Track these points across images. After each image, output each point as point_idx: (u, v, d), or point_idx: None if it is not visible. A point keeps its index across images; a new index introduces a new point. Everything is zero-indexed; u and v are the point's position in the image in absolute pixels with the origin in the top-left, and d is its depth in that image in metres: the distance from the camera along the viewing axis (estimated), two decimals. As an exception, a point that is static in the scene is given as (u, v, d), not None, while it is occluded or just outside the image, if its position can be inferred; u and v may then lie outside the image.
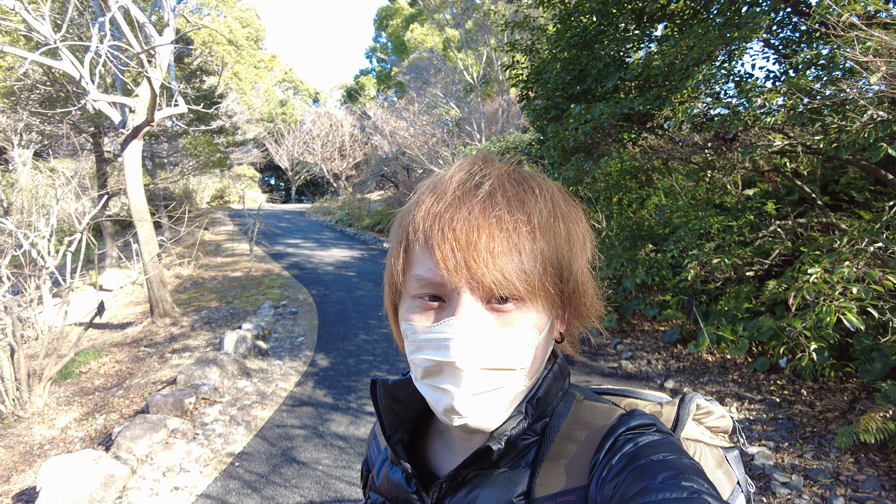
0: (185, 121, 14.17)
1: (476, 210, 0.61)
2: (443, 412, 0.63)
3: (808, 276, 3.13)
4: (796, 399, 4.77)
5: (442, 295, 0.63)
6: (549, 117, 5.95)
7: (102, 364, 7.45)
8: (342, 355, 6.78)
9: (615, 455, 0.60)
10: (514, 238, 0.60)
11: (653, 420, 0.65)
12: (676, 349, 6.21)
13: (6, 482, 4.81)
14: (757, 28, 3.71)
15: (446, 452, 0.76)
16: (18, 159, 11.77)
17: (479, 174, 0.65)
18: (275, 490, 3.95)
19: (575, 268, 0.66)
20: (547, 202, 0.64)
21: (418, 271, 0.64)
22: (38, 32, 6.86)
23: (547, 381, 0.69)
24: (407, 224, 0.66)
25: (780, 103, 3.25)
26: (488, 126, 17.52)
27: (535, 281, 0.61)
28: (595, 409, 0.70)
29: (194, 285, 11.58)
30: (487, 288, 0.60)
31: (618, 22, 5.78)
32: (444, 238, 0.60)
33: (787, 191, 5.88)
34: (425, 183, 0.69)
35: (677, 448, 0.60)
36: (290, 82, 43.05)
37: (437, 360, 0.62)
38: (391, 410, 0.76)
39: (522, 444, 0.67)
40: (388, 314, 0.74)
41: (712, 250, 4.10)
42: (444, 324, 0.61)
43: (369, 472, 0.87)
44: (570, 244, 0.66)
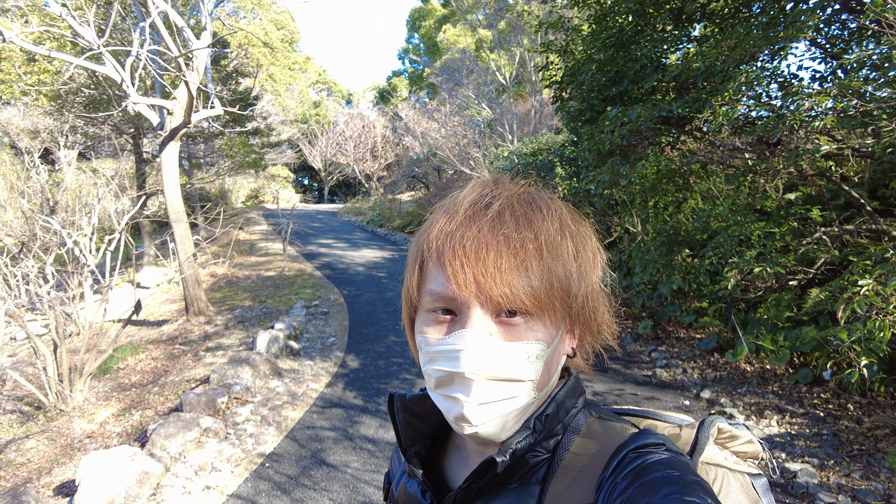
0: (222, 122, 14.46)
1: (485, 228, 0.64)
2: (454, 420, 0.65)
3: (859, 287, 2.97)
4: (842, 414, 4.57)
5: (454, 309, 0.66)
6: (584, 119, 5.84)
7: (139, 360, 7.63)
8: (372, 357, 6.79)
9: (622, 472, 0.61)
10: (521, 255, 0.63)
11: (663, 439, 0.65)
12: (713, 358, 6.02)
13: (48, 474, 4.96)
14: (804, 27, 3.55)
15: (461, 466, 0.78)
16: (64, 160, 12.21)
17: (489, 195, 0.68)
18: (304, 492, 3.96)
19: (583, 284, 0.68)
20: (554, 221, 0.67)
21: (431, 286, 0.67)
22: (83, 38, 7.07)
23: (558, 398, 0.71)
24: (422, 242, 0.70)
25: (829, 106, 3.10)
26: (520, 127, 17.39)
27: (542, 296, 0.64)
28: (607, 427, 0.71)
29: (229, 284, 11.79)
30: (495, 302, 0.63)
31: (655, 22, 5.63)
32: (454, 255, 0.64)
33: (831, 195, 5.64)
34: (440, 203, 0.73)
35: (684, 466, 0.60)
36: (323, 84, 43.55)
37: (448, 371, 0.64)
38: (408, 424, 0.79)
39: (533, 460, 0.68)
40: (405, 328, 0.77)
41: (753, 258, 3.94)
42: (455, 336, 0.64)
43: (390, 483, 0.90)
44: (578, 261, 0.68)
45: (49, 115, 13.02)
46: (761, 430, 4.48)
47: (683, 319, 6.60)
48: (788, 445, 4.20)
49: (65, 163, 11.97)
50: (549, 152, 10.93)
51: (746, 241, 4.64)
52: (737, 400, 5.08)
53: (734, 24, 4.89)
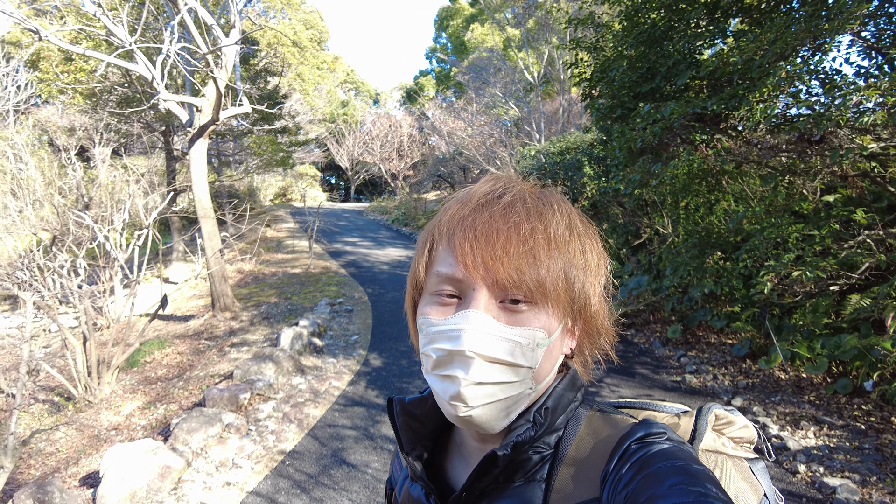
0: (250, 120, 14.61)
1: (497, 215, 0.66)
2: (449, 400, 0.65)
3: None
4: (885, 427, 4.34)
5: (459, 292, 0.67)
6: (614, 117, 5.69)
7: (165, 355, 7.73)
8: (395, 356, 6.75)
9: (625, 465, 0.61)
10: (531, 243, 0.64)
11: (664, 429, 0.65)
12: (745, 364, 5.81)
13: (75, 464, 5.03)
14: (851, 19, 3.37)
15: (463, 466, 0.78)
16: (98, 157, 12.48)
17: (502, 188, 0.70)
18: (323, 492, 3.92)
19: (587, 285, 0.69)
20: (564, 217, 0.69)
21: (439, 268, 0.68)
22: (116, 36, 7.19)
23: (557, 391, 0.71)
24: (433, 227, 0.72)
25: (879, 101, 2.93)
26: (548, 126, 17.18)
27: (548, 285, 0.65)
28: (607, 420, 0.71)
29: (255, 280, 11.90)
30: (502, 285, 0.64)
31: (689, 17, 5.46)
32: (465, 237, 0.65)
33: (874, 197, 5.39)
34: (453, 195, 0.74)
35: (688, 455, 0.60)
36: (351, 83, 43.84)
37: (448, 349, 0.64)
38: (409, 427, 0.79)
39: (536, 457, 0.68)
40: (407, 311, 0.77)
41: (791, 261, 3.76)
42: (459, 315, 0.65)
43: (392, 489, 0.90)
44: (584, 260, 0.69)
45: (84, 113, 13.34)
46: (798, 441, 4.28)
47: (714, 324, 6.40)
48: (827, 459, 4.00)
49: (99, 160, 12.24)
50: (577, 151, 10.75)
51: (783, 243, 4.45)
52: (770, 409, 4.89)
53: (773, 18, 4.70)
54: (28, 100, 17.86)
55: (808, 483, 3.80)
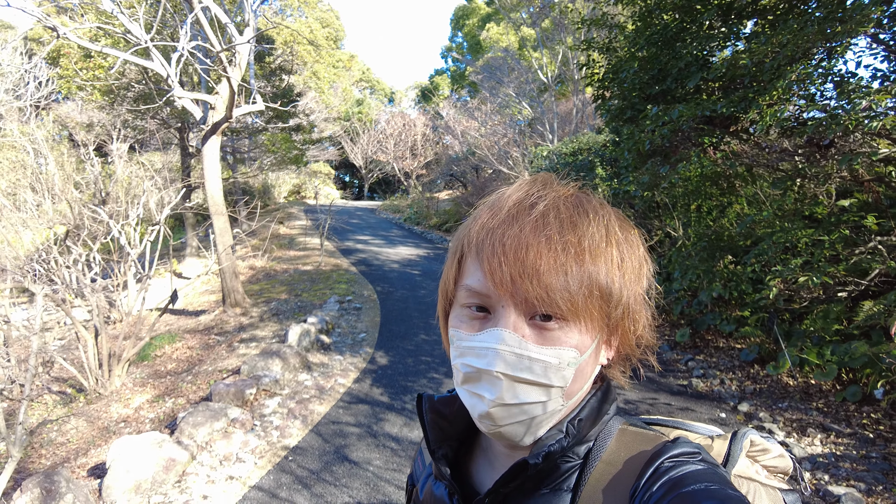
0: (265, 118, 14.73)
1: (527, 228, 0.63)
2: (478, 418, 0.65)
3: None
4: (895, 437, 4.27)
5: (488, 306, 0.65)
6: (624, 118, 5.66)
7: (176, 349, 7.82)
8: (401, 354, 6.77)
9: (656, 482, 0.59)
10: (562, 258, 0.62)
11: (698, 449, 0.64)
12: (753, 369, 5.74)
13: (84, 455, 5.11)
14: (865, 21, 3.31)
15: (489, 469, 0.77)
16: (116, 153, 12.66)
17: (535, 195, 0.67)
18: (324, 488, 3.95)
19: (625, 294, 0.66)
20: (601, 227, 0.65)
21: (468, 281, 0.66)
22: (132, 34, 7.29)
23: (591, 403, 0.70)
24: (463, 237, 0.70)
25: (889, 105, 2.88)
26: (561, 126, 17.10)
27: (580, 302, 0.62)
28: (640, 435, 0.70)
29: (266, 277, 12.00)
30: (531, 303, 0.62)
31: (702, 19, 5.40)
32: (493, 252, 0.63)
33: (890, 202, 5.29)
34: (485, 200, 0.72)
35: (723, 479, 0.59)
36: (367, 82, 43.98)
37: (477, 368, 0.64)
38: (436, 426, 0.78)
39: (565, 466, 0.67)
40: (439, 320, 0.76)
41: (798, 267, 3.71)
42: (487, 333, 0.63)
43: (414, 486, 0.89)
44: (621, 270, 0.66)
45: (102, 110, 13.53)
46: (803, 448, 4.23)
47: (723, 328, 6.32)
48: (833, 467, 3.95)
49: (116, 156, 12.42)
50: (589, 152, 10.69)
51: (793, 248, 4.39)
52: (777, 415, 4.83)
53: (787, 20, 4.64)
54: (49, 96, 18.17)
55: (813, 491, 3.75)
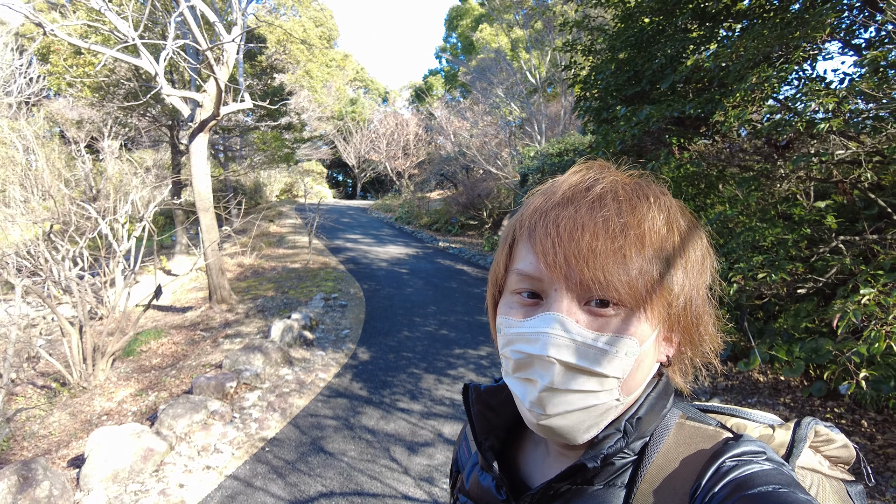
0: (256, 116, 14.79)
1: (583, 209, 0.61)
2: (528, 406, 0.62)
3: (861, 296, 2.88)
4: (855, 430, 4.40)
5: (539, 291, 0.63)
6: (600, 119, 5.78)
7: (161, 344, 7.89)
8: (383, 350, 6.86)
9: (719, 482, 0.56)
10: (620, 240, 0.59)
11: (763, 447, 0.61)
12: (726, 366, 5.87)
13: (66, 447, 5.18)
14: (821, 27, 3.43)
15: (539, 464, 0.75)
16: (107, 149, 12.69)
17: (592, 178, 0.65)
18: (299, 477, 4.04)
19: (688, 286, 0.63)
20: (662, 212, 0.62)
21: (519, 265, 0.64)
22: (119, 31, 7.35)
23: (650, 399, 0.65)
24: (515, 223, 0.67)
25: (832, 108, 3.00)
26: (550, 128, 17.24)
27: (639, 288, 0.59)
28: (699, 430, 0.66)
29: (254, 274, 12.06)
30: (586, 286, 0.59)
31: (678, 22, 5.53)
32: (546, 233, 0.61)
33: (864, 204, 5.43)
34: (539, 188, 0.69)
35: (791, 481, 0.55)
36: (361, 81, 44.02)
37: (528, 353, 0.61)
38: (483, 417, 0.76)
39: (619, 462, 0.64)
40: (488, 309, 0.74)
41: (759, 264, 3.83)
42: (539, 318, 0.61)
43: (459, 472, 0.86)
44: (684, 258, 0.62)
45: (92, 107, 13.56)
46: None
47: (699, 326, 6.45)
48: (792, 458, 4.07)
49: (108, 152, 12.45)
50: (574, 153, 10.82)
51: (759, 247, 4.51)
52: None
53: (755, 26, 4.77)
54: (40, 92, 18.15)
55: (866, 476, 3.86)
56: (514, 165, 15.62)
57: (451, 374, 6.06)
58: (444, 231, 18.58)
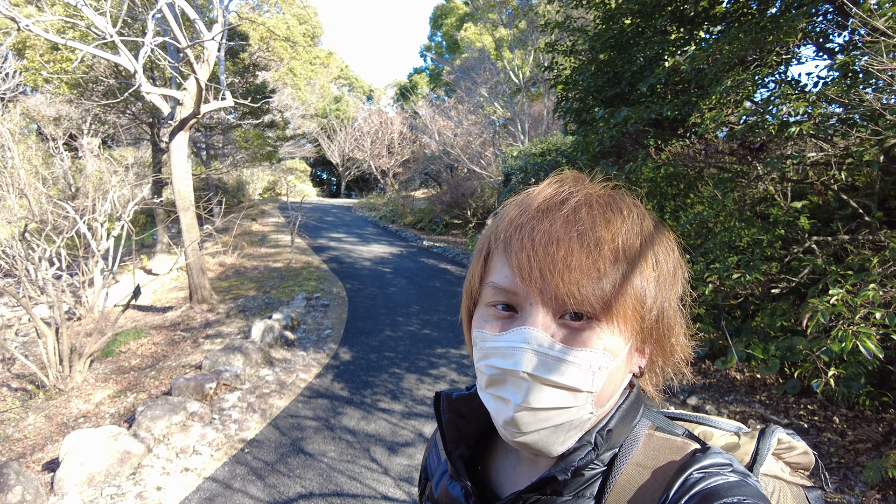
0: (238, 114, 14.66)
1: (558, 223, 0.61)
2: (503, 424, 0.62)
3: (829, 296, 2.94)
4: (826, 426, 4.50)
5: (514, 305, 0.63)
6: (580, 120, 5.82)
7: (141, 345, 7.80)
8: (365, 350, 6.85)
9: (686, 494, 0.57)
10: (595, 255, 0.59)
11: (729, 459, 0.62)
12: (704, 364, 5.96)
13: (41, 450, 5.10)
14: (793, 31, 3.50)
15: (510, 473, 0.74)
16: (86, 147, 12.49)
17: (567, 191, 0.65)
18: (278, 479, 4.03)
19: (660, 298, 0.63)
20: (635, 225, 0.63)
21: (494, 279, 0.64)
22: (97, 27, 7.24)
23: (621, 411, 0.66)
24: (490, 234, 0.67)
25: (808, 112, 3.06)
26: (533, 127, 17.32)
27: (613, 301, 0.59)
28: (667, 441, 0.67)
29: (236, 274, 11.96)
30: (560, 301, 0.59)
31: (657, 24, 5.59)
32: (521, 247, 0.61)
33: (838, 205, 5.54)
34: (514, 198, 0.69)
35: (756, 493, 0.56)
36: (345, 79, 43.79)
37: (502, 369, 0.61)
38: (453, 425, 0.76)
39: (588, 473, 0.64)
40: (462, 321, 0.74)
41: (734, 264, 3.90)
42: (513, 333, 0.61)
43: (427, 480, 0.86)
44: (657, 272, 0.63)
45: (70, 103, 13.34)
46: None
47: (678, 325, 6.52)
48: (766, 455, 4.14)
49: (87, 150, 12.26)
50: (556, 153, 10.89)
51: (736, 247, 4.59)
52: (722, 408, 5.03)
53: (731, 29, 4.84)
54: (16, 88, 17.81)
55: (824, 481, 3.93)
56: (497, 165, 15.67)
57: (433, 373, 6.07)
58: (429, 230, 18.59)
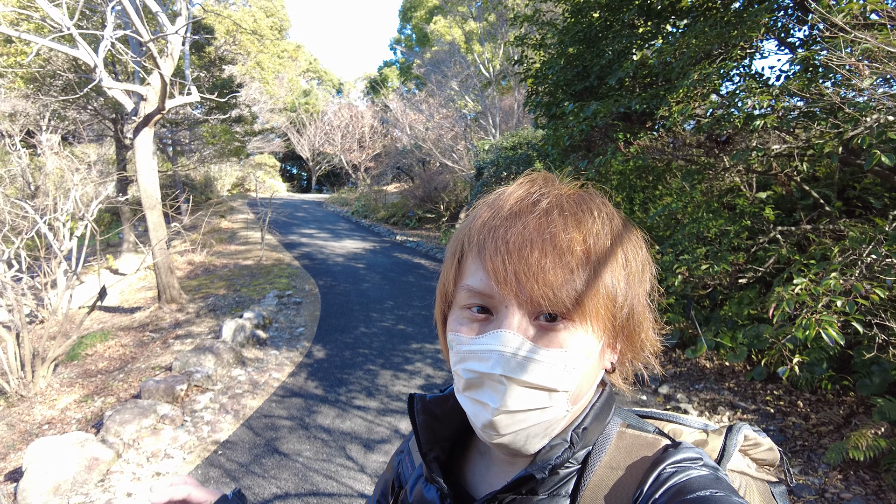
0: (205, 109, 14.35)
1: (531, 225, 0.61)
2: (481, 427, 0.63)
3: (794, 286, 3.02)
4: (791, 411, 4.64)
5: (490, 307, 0.63)
6: (550, 114, 5.85)
7: (108, 347, 7.60)
8: (339, 347, 6.80)
9: (660, 488, 0.59)
10: (568, 256, 0.60)
11: (700, 454, 0.63)
12: (675, 354, 6.08)
13: (3, 460, 4.93)
14: (756, 26, 3.57)
15: (485, 474, 0.75)
16: (45, 144, 12.06)
17: (537, 192, 0.65)
18: (253, 480, 3.98)
19: (630, 295, 0.65)
20: (605, 225, 0.64)
21: (469, 281, 0.64)
22: (52, 19, 6.98)
23: (595, 409, 0.68)
24: (463, 236, 0.67)
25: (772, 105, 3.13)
26: (504, 121, 17.37)
27: (586, 301, 0.60)
28: (639, 438, 0.69)
29: (205, 272, 11.74)
30: (536, 303, 0.60)
31: (624, 18, 5.64)
32: (496, 250, 0.61)
33: (801, 195, 5.69)
34: (484, 199, 0.70)
35: (726, 486, 0.58)
36: (314, 73, 43.25)
37: (480, 372, 0.61)
38: (428, 427, 0.76)
39: (563, 472, 0.65)
40: (437, 324, 0.74)
41: (702, 255, 3.98)
42: (490, 336, 0.61)
43: (401, 487, 0.86)
44: (626, 270, 0.64)
45: (27, 98, 12.86)
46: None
47: (648, 315, 6.63)
48: (735, 441, 4.25)
49: (46, 147, 11.84)
50: (527, 146, 10.95)
51: (704, 238, 4.68)
52: (693, 396, 5.15)
53: (698, 23, 4.91)
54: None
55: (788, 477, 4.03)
56: (469, 158, 15.68)
57: (409, 369, 6.06)
58: (402, 224, 18.51)
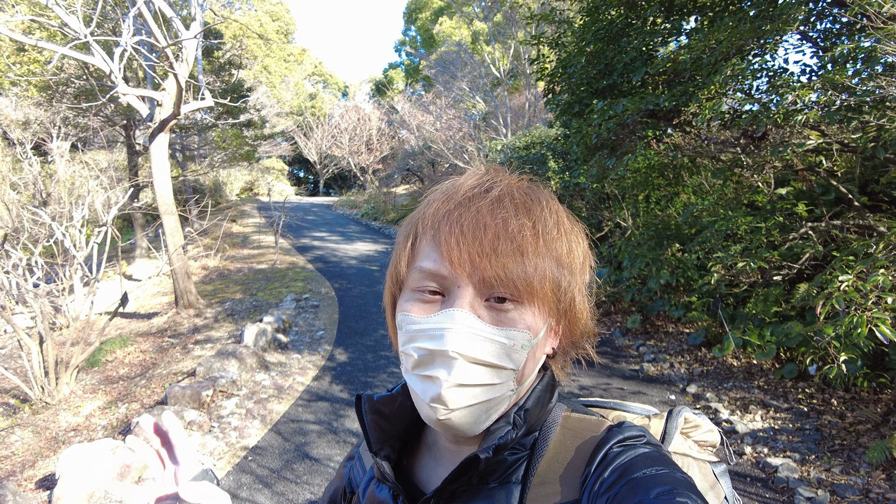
0: (215, 114, 14.37)
1: (484, 210, 0.64)
2: (429, 402, 0.63)
3: (840, 283, 2.96)
4: (826, 409, 4.57)
5: (442, 288, 0.65)
6: (573, 112, 5.81)
7: (128, 353, 7.60)
8: (360, 350, 6.77)
9: (607, 468, 0.60)
10: (518, 240, 0.62)
11: (642, 431, 0.66)
12: (701, 352, 6.02)
13: (31, 467, 4.93)
14: (791, 20, 3.51)
15: (435, 468, 0.76)
16: (56, 151, 12.11)
17: (489, 181, 0.68)
18: (286, 486, 3.95)
19: (573, 284, 0.68)
20: (552, 215, 0.67)
21: (423, 263, 0.66)
22: (69, 27, 6.99)
23: (536, 392, 0.70)
24: (416, 220, 0.70)
25: (812, 100, 3.08)
26: (514, 120, 17.32)
27: (535, 283, 0.63)
28: (584, 421, 0.71)
29: (220, 277, 11.75)
30: (488, 283, 0.62)
31: (645, 14, 5.59)
32: (451, 232, 0.63)
33: (822, 190, 5.62)
34: (438, 188, 0.72)
35: (669, 462, 0.60)
36: (319, 76, 43.32)
37: (431, 349, 0.62)
38: (377, 426, 0.76)
39: (512, 458, 0.67)
40: (386, 307, 0.75)
41: (738, 253, 3.92)
42: (443, 314, 0.63)
43: (353, 492, 0.86)
44: (570, 259, 0.67)
45: (39, 106, 12.92)
46: (745, 424, 4.48)
47: (672, 314, 6.59)
48: (771, 440, 4.20)
49: (57, 154, 11.88)
50: (541, 146, 10.89)
51: (733, 235, 4.62)
52: (722, 395, 5.08)
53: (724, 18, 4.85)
54: (-21, 91, 17.19)
55: (753, 463, 3.98)
56: (480, 159, 15.64)
57: (432, 371, 6.02)
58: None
